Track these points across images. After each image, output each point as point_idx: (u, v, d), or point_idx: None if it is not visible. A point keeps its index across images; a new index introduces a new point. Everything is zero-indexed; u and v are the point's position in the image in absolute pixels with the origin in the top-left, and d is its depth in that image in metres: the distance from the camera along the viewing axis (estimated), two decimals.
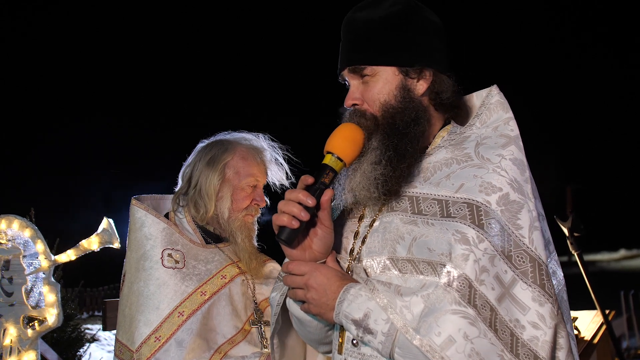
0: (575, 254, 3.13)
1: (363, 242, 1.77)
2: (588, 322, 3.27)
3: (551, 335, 1.52)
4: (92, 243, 4.10)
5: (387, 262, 1.68)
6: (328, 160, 1.69)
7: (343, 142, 1.70)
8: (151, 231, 2.46)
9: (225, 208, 2.51)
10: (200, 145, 2.64)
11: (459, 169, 1.68)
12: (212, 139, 2.65)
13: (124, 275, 2.47)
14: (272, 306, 1.90)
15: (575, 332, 3.18)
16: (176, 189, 2.66)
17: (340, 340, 1.73)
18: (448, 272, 1.53)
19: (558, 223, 3.16)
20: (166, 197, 2.70)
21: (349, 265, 1.78)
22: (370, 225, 1.78)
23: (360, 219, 1.83)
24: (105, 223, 4.09)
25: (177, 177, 2.69)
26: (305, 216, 1.62)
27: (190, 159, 2.63)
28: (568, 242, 3.15)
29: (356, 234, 1.81)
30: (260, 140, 2.66)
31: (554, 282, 1.64)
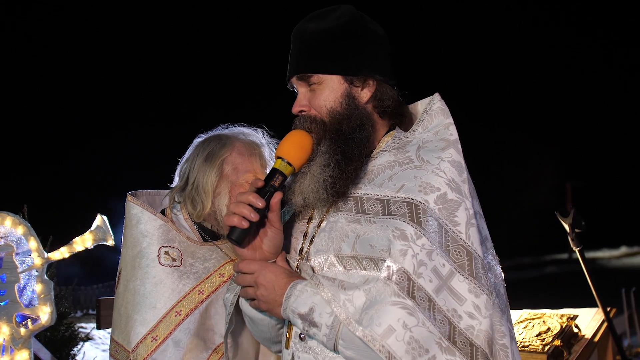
0: (576, 251, 3.11)
1: (311, 241, 1.89)
2: (589, 320, 3.25)
3: (487, 324, 1.63)
4: (85, 240, 4.06)
5: (333, 259, 1.79)
6: (278, 164, 1.82)
7: (292, 147, 1.83)
8: (147, 228, 2.41)
9: (223, 205, 2.47)
10: (197, 140, 2.60)
11: (401, 170, 1.80)
12: (210, 133, 2.61)
13: (120, 273, 2.43)
14: (225, 306, 2.00)
15: (576, 330, 3.16)
16: (172, 185, 2.62)
17: (287, 336, 1.84)
18: (388, 266, 1.63)
19: (559, 219, 3.13)
20: (162, 192, 2.66)
21: (297, 264, 1.88)
22: (318, 226, 1.89)
23: (309, 220, 1.95)
24: (99, 220, 4.05)
25: (173, 172, 2.64)
26: (254, 217, 1.75)
27: (187, 154, 2.58)
28: (569, 238, 3.13)
29: (305, 235, 1.94)
30: (259, 136, 2.61)
31: (492, 277, 1.74)
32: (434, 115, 1.88)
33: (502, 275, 1.82)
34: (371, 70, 1.86)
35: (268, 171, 1.89)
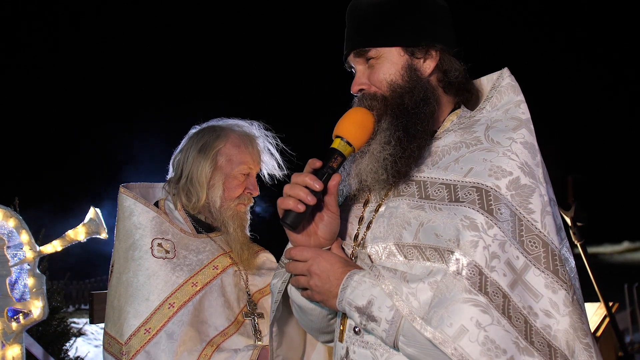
0: (578, 244, 3.06)
1: (368, 227, 1.74)
2: (591, 315, 3.22)
3: (566, 323, 1.50)
4: (78, 233, 4.01)
5: (393, 247, 1.66)
6: (337, 144, 1.66)
7: (353, 126, 1.67)
8: (140, 220, 2.38)
9: (217, 196, 2.44)
10: (192, 131, 2.57)
11: (468, 152, 1.65)
12: (205, 125, 2.58)
13: (112, 266, 2.40)
14: (272, 293, 1.87)
15: None
16: (167, 177, 2.58)
17: (341, 328, 1.70)
18: (457, 259, 1.50)
19: (560, 212, 3.08)
20: (155, 185, 2.63)
21: (352, 251, 1.75)
22: (376, 211, 1.75)
23: (365, 204, 1.80)
24: (92, 213, 4.00)
25: (168, 164, 2.61)
26: (311, 200, 1.58)
27: (181, 145, 2.56)
28: (571, 232, 3.08)
29: (361, 219, 1.79)
30: (254, 127, 2.58)
31: (568, 269, 1.59)
32: (503, 92, 1.75)
33: (575, 268, 1.66)
34: (433, 39, 1.71)
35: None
